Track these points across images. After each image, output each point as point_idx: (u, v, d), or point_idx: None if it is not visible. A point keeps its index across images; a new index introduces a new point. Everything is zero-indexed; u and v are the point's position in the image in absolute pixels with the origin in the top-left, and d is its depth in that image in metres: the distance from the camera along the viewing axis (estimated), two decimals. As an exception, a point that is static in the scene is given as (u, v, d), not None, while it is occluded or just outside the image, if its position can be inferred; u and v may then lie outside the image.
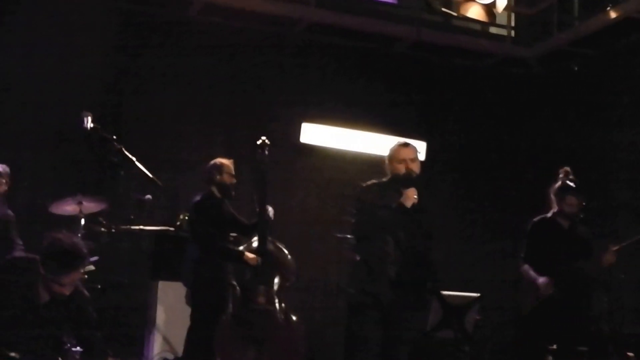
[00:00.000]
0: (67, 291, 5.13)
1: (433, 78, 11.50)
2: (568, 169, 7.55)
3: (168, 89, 10.15)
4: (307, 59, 10.90)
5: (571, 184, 7.38)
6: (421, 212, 6.10)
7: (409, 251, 6.06)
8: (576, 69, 11.46)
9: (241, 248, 7.51)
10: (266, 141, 7.55)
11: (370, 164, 9.77)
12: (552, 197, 7.56)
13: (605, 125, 10.84)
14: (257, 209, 7.58)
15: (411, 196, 6.00)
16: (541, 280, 7.26)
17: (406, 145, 6.27)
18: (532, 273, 7.40)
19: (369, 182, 6.31)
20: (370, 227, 6.12)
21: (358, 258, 6.24)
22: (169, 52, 10.23)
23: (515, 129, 11.90)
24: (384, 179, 6.26)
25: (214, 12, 10.23)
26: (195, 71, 10.30)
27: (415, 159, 6.21)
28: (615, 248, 7.31)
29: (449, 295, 7.81)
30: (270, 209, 7.54)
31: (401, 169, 6.13)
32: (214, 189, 7.62)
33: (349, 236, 7.13)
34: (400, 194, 6.04)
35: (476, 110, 11.76)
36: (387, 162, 6.28)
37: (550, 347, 7.17)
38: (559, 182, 7.47)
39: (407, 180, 6.08)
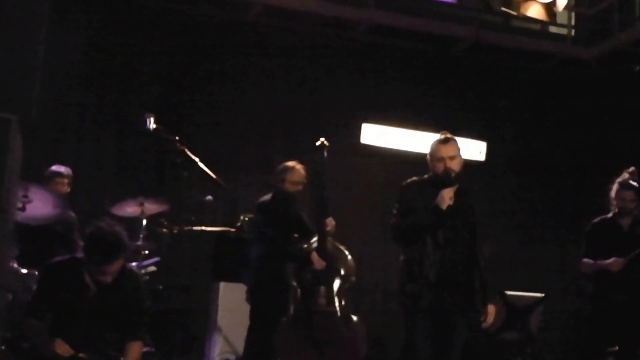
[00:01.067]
0: (109, 279, 5.15)
1: (492, 79, 11.43)
2: (633, 169, 7.42)
3: (227, 91, 10.21)
4: (367, 61, 10.90)
5: (630, 180, 7.26)
6: (463, 211, 5.87)
7: (450, 252, 5.83)
8: (638, 69, 11.29)
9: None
10: (325, 142, 7.50)
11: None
12: (611, 196, 7.44)
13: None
14: (317, 211, 7.56)
15: (446, 198, 5.75)
16: (608, 262, 7.12)
17: (446, 141, 6.00)
18: (598, 263, 7.24)
19: (409, 180, 6.14)
20: (408, 231, 5.93)
21: (402, 259, 6.07)
22: (229, 54, 10.30)
23: (575, 131, 11.77)
24: (425, 176, 6.07)
25: (274, 14, 10.27)
26: (255, 73, 10.36)
27: (456, 156, 5.96)
28: None
29: (513, 296, 7.77)
30: (332, 221, 7.47)
31: (440, 167, 5.91)
32: (280, 191, 7.58)
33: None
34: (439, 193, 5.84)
35: (536, 112, 11.66)
36: (428, 158, 6.05)
37: (611, 349, 7.07)
38: (618, 179, 7.36)
39: (445, 180, 5.84)
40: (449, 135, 6.07)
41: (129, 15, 9.80)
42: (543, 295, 8.01)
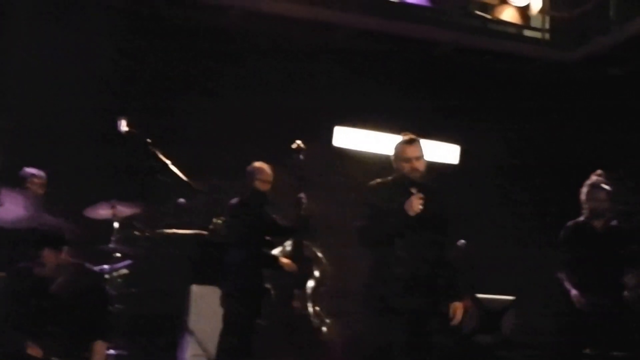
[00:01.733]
0: (47, 272, 5.15)
1: (470, 82, 11.44)
2: (600, 171, 7.44)
3: (204, 94, 10.19)
4: (345, 64, 10.89)
5: (600, 180, 7.28)
6: (432, 212, 5.84)
7: (419, 255, 5.82)
8: (616, 72, 11.35)
9: (276, 252, 7.48)
10: (301, 145, 7.52)
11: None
12: (583, 198, 7.45)
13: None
14: (294, 213, 7.56)
15: (415, 204, 5.73)
16: (573, 293, 7.15)
17: (411, 142, 6.01)
18: (566, 284, 7.28)
19: (374, 182, 6.11)
20: (377, 234, 5.92)
21: (370, 262, 6.09)
22: (207, 58, 10.28)
23: (552, 134, 11.81)
24: (390, 178, 6.07)
25: (251, 18, 10.24)
26: (231, 76, 10.33)
27: (421, 156, 5.97)
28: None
29: (486, 299, 7.80)
30: (304, 197, 7.48)
31: (407, 167, 5.93)
32: (251, 193, 7.59)
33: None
34: (407, 194, 5.82)
35: (513, 115, 11.68)
36: (393, 159, 6.06)
37: (585, 352, 7.09)
38: (588, 181, 7.38)
39: (412, 185, 5.86)
40: (413, 136, 6.07)
41: (105, 20, 9.75)
42: (514, 298, 8.03)
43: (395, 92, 10.89)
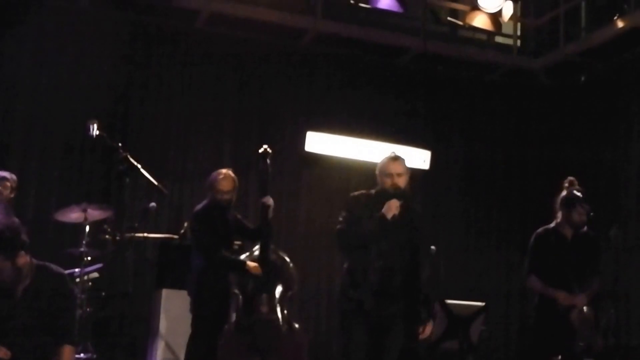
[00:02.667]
0: (7, 278, 5.06)
1: (439, 88, 11.52)
2: (573, 178, 7.48)
3: (175, 98, 10.22)
4: (314, 69, 10.95)
5: (578, 193, 7.31)
6: (406, 224, 6.12)
7: (392, 260, 6.09)
8: (583, 79, 11.44)
9: (243, 257, 7.49)
10: (268, 150, 7.54)
11: (374, 173, 9.79)
12: (558, 207, 7.48)
13: (613, 137, 10.85)
14: (260, 217, 7.57)
15: (392, 207, 6.02)
16: (557, 293, 7.17)
17: (395, 159, 6.27)
18: (541, 288, 7.31)
19: (357, 193, 6.38)
20: (354, 238, 6.17)
21: (345, 266, 6.30)
22: (177, 62, 10.31)
23: (521, 140, 11.92)
24: (373, 190, 6.31)
25: (221, 22, 10.25)
26: (202, 81, 10.36)
27: (403, 173, 6.22)
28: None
29: (454, 305, 7.81)
30: (270, 200, 7.51)
31: (388, 182, 6.17)
32: (217, 198, 7.59)
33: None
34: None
35: (482, 121, 11.78)
36: (377, 173, 6.31)
37: (555, 358, 7.12)
38: (566, 192, 7.39)
39: (392, 196, 6.09)
40: (398, 155, 6.33)
41: (76, 23, 9.74)
42: (484, 304, 8.05)
43: (366, 97, 10.96)
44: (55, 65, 9.59)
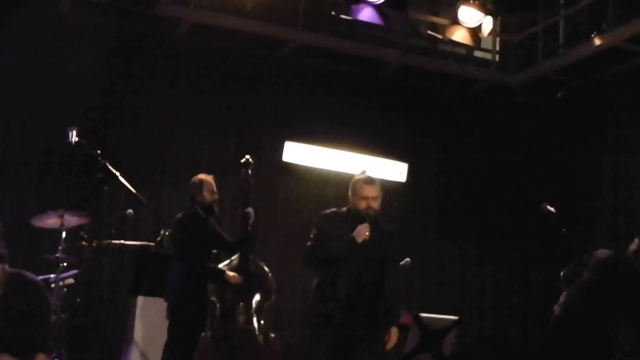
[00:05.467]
0: None
1: (418, 101, 11.57)
2: None
3: (155, 106, 10.19)
4: (293, 80, 10.96)
5: None
6: (376, 242, 6.16)
7: (361, 277, 6.15)
8: (559, 95, 11.54)
9: (222, 266, 7.50)
10: (250, 160, 7.56)
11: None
12: None
13: (589, 152, 10.96)
14: (241, 227, 7.59)
15: (363, 233, 6.06)
16: None
17: (371, 182, 6.27)
18: None
19: (329, 211, 6.41)
20: (322, 257, 6.22)
21: (315, 281, 6.35)
22: (157, 70, 10.29)
23: (498, 154, 11.98)
24: (344, 209, 6.34)
25: (203, 31, 10.26)
26: (182, 89, 10.36)
27: (378, 197, 6.25)
28: None
29: (427, 318, 7.87)
30: (251, 211, 7.54)
31: (362, 205, 6.19)
32: (197, 207, 7.61)
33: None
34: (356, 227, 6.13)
35: (460, 135, 11.84)
36: (350, 193, 6.31)
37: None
38: None
39: (365, 218, 6.15)
40: (372, 176, 6.35)
41: (57, 29, 9.72)
42: (457, 318, 8.12)
43: (345, 109, 10.99)
44: (35, 71, 9.55)
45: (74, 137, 7.57)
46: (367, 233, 6.06)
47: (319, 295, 6.25)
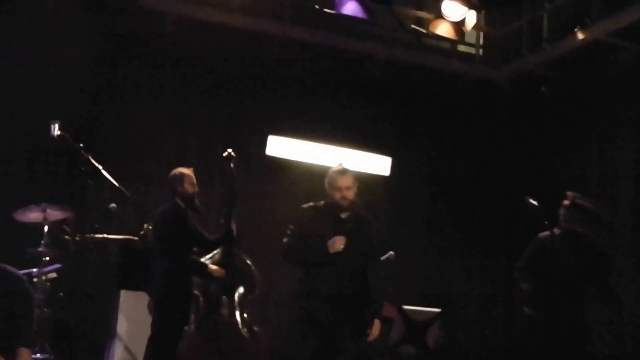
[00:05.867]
0: None
1: (403, 95, 11.58)
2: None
3: (140, 100, 10.19)
4: (278, 74, 10.93)
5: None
6: (358, 235, 6.26)
7: (343, 270, 6.21)
8: (542, 89, 11.56)
9: (205, 259, 7.49)
10: (232, 153, 7.56)
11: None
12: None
13: (574, 145, 10.98)
14: (224, 220, 7.59)
15: (337, 245, 6.16)
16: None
17: (344, 172, 6.39)
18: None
19: (306, 205, 6.52)
20: (300, 257, 6.38)
21: (298, 276, 6.47)
22: (143, 64, 10.27)
23: (484, 148, 12.00)
24: (322, 202, 6.44)
25: (189, 26, 10.23)
26: (168, 83, 10.35)
27: (351, 186, 6.35)
28: None
29: (411, 311, 7.90)
30: (234, 226, 7.55)
31: (337, 195, 6.30)
32: (178, 200, 7.60)
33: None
34: (336, 219, 6.23)
35: (445, 129, 11.85)
36: (326, 186, 6.43)
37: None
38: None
39: (342, 209, 6.28)
40: (346, 167, 6.48)
41: (42, 24, 9.68)
42: (440, 310, 8.16)
43: (328, 103, 10.99)
44: (20, 65, 9.50)
45: (56, 130, 7.57)
46: (341, 245, 6.14)
47: (302, 290, 6.34)
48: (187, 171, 7.69)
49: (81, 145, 7.64)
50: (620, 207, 10.25)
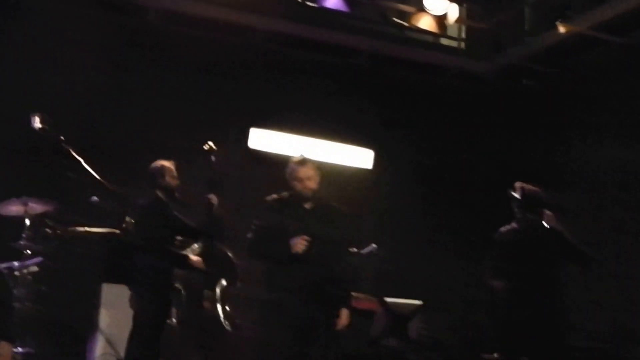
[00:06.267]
0: None
1: (386, 88, 11.60)
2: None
3: (121, 93, 10.14)
4: (261, 67, 10.93)
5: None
6: (323, 226, 6.19)
7: (310, 265, 6.13)
8: (524, 83, 11.61)
9: (185, 251, 7.49)
10: (213, 146, 7.55)
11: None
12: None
13: (557, 138, 11.04)
14: (205, 213, 7.58)
15: (299, 247, 6.08)
16: None
17: (303, 163, 6.34)
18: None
19: (270, 198, 6.47)
20: (263, 252, 6.32)
21: (263, 268, 6.42)
22: (124, 57, 10.24)
23: (467, 141, 12.03)
24: (286, 194, 6.39)
25: (170, 18, 10.22)
26: (149, 75, 10.30)
27: (313, 176, 6.30)
28: None
29: (393, 303, 7.92)
30: (214, 198, 7.52)
31: (299, 186, 6.27)
32: (159, 193, 7.59)
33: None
34: (300, 209, 6.18)
35: (428, 122, 11.86)
36: (287, 177, 6.40)
37: (489, 356, 7.18)
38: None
39: (305, 199, 6.25)
40: (306, 157, 6.41)
41: (21, 14, 9.64)
42: (422, 302, 8.18)
43: (311, 96, 11.00)
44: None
45: (37, 123, 7.53)
46: (303, 247, 6.06)
47: (268, 283, 6.30)
48: (167, 164, 7.67)
49: (62, 138, 7.60)
50: (602, 197, 10.32)
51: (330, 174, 10.55)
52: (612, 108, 10.36)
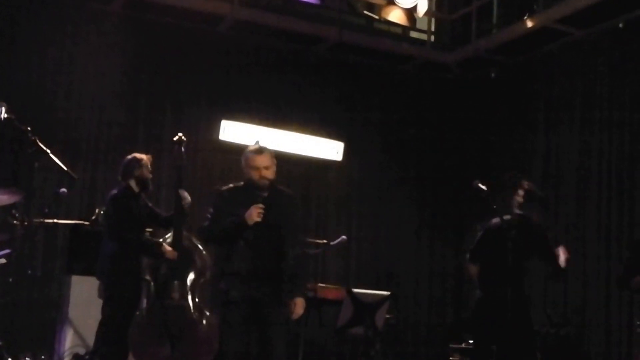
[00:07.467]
0: None
1: (354, 79, 11.63)
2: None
3: (89, 81, 10.11)
4: (229, 57, 10.92)
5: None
6: (275, 213, 6.11)
7: (260, 247, 6.08)
8: (493, 75, 11.70)
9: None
10: (182, 137, 7.54)
11: (289, 163, 9.87)
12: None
13: (521, 128, 11.16)
14: (174, 204, 7.58)
15: (254, 215, 5.99)
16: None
17: (260, 151, 6.26)
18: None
19: (225, 187, 6.38)
20: (218, 235, 6.23)
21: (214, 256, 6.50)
22: (91, 46, 10.18)
23: (435, 131, 12.10)
24: (241, 183, 6.32)
25: (137, 6, 10.19)
26: (118, 64, 10.24)
27: (270, 165, 6.22)
28: None
29: (360, 293, 7.97)
30: (187, 197, 7.52)
31: (255, 175, 6.18)
32: (132, 183, 7.58)
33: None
34: (255, 198, 6.11)
35: (396, 112, 11.91)
36: (242, 165, 6.30)
37: (456, 345, 7.25)
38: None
39: (260, 188, 6.17)
40: (262, 146, 6.34)
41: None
42: (389, 293, 8.24)
43: (281, 87, 11.02)
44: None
45: (3, 113, 7.47)
46: (258, 215, 5.98)
47: (218, 271, 6.26)
48: (144, 156, 7.68)
49: (28, 128, 7.55)
50: (564, 186, 10.46)
51: (300, 165, 10.67)
52: (574, 98, 10.53)
